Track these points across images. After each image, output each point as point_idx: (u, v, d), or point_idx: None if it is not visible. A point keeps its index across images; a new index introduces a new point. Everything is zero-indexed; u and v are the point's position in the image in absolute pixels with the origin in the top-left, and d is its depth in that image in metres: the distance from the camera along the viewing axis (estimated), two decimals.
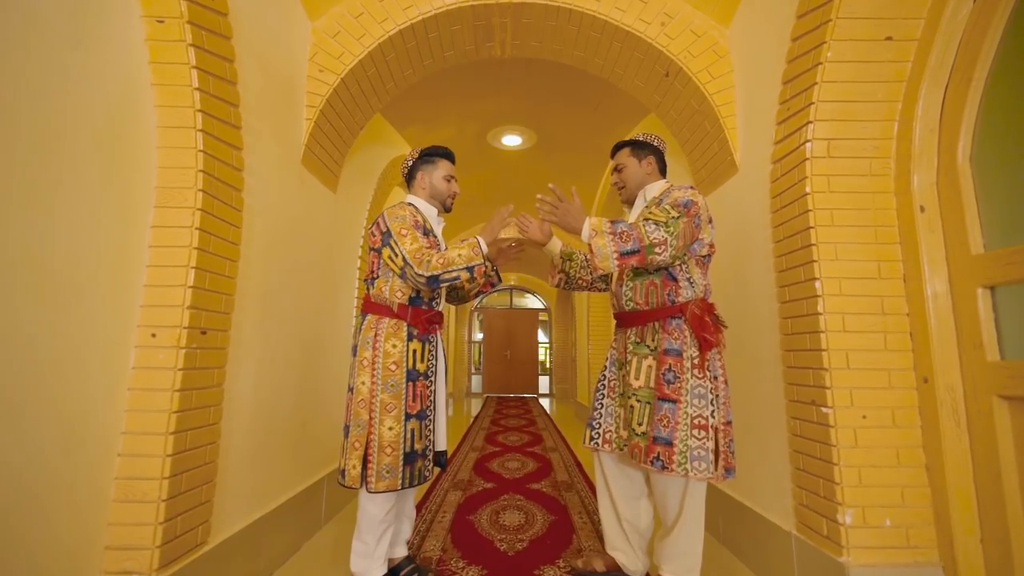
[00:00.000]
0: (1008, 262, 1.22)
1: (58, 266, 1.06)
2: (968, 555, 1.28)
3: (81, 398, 1.12)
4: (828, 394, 1.41)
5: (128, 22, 1.24)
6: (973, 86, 1.31)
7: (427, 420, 1.53)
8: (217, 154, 1.40)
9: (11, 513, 0.97)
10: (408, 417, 1.48)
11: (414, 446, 1.47)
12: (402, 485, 1.44)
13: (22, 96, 0.98)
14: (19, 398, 0.98)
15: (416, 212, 1.60)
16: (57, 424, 1.07)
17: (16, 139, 0.97)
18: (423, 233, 1.56)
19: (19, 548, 0.98)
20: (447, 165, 1.71)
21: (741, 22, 1.99)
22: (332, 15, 2.07)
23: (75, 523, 1.11)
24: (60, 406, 1.07)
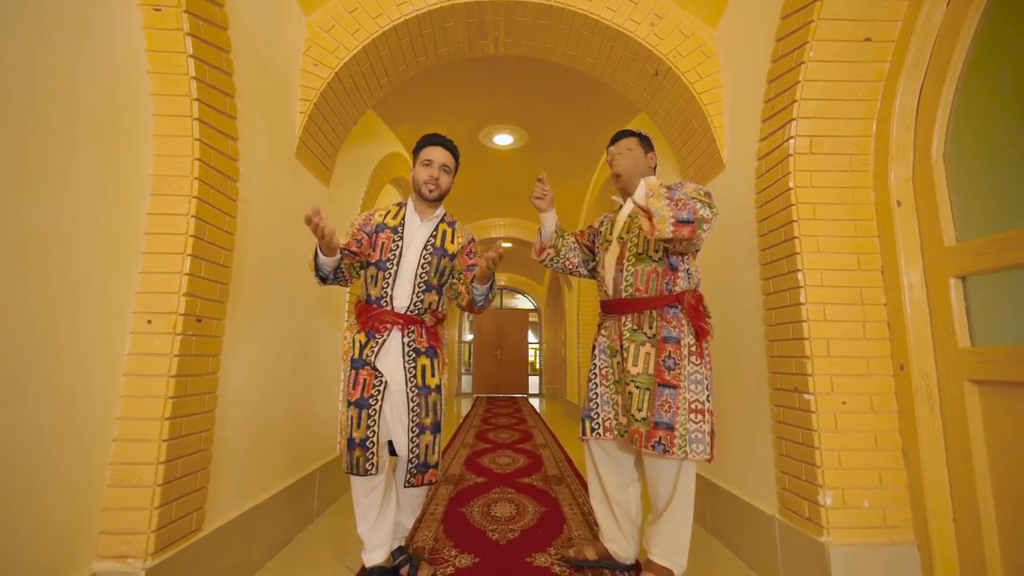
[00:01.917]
0: (978, 253, 1.28)
1: (55, 252, 1.07)
2: (941, 534, 1.33)
3: (76, 384, 1.13)
4: (810, 381, 1.46)
5: (125, 10, 1.24)
6: (946, 86, 1.37)
7: (368, 410, 1.47)
8: (213, 143, 1.42)
9: (6, 498, 0.97)
10: (349, 404, 1.49)
11: (352, 434, 1.47)
12: (346, 470, 1.46)
13: (19, 82, 0.99)
14: (15, 383, 0.99)
15: (379, 213, 1.65)
16: (53, 409, 1.07)
17: (13, 125, 0.97)
18: (367, 232, 1.61)
19: (14, 533, 0.99)
20: (426, 151, 1.63)
21: (728, 23, 2.04)
22: (326, 9, 2.09)
23: (70, 508, 1.12)
24: (56, 391, 1.08)
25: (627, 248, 1.62)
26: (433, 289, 1.60)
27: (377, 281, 1.57)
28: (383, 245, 1.59)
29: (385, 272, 1.56)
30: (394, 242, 1.59)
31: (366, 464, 1.45)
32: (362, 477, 1.48)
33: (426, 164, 1.62)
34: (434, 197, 1.63)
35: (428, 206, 1.66)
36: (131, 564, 1.18)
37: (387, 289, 1.55)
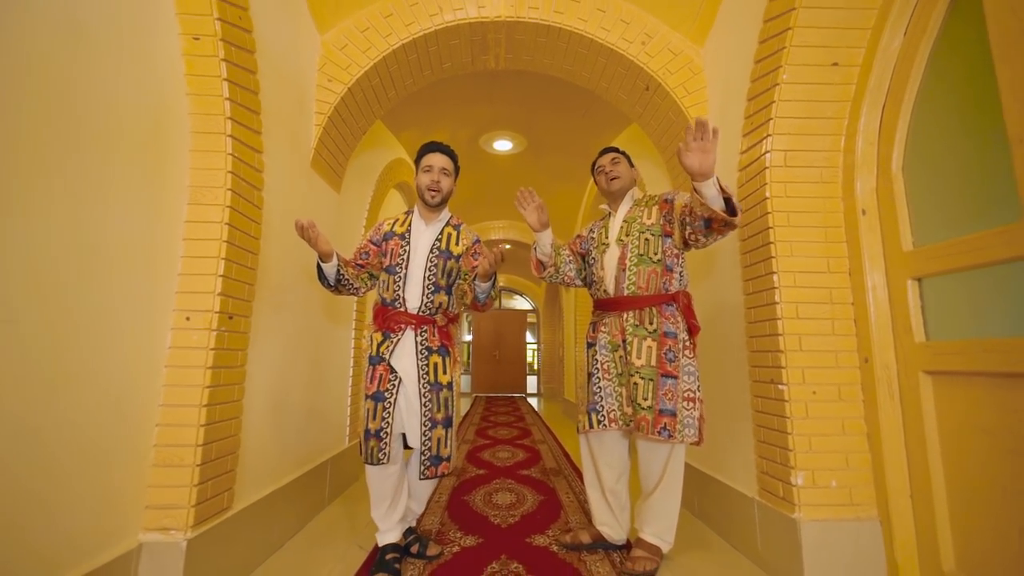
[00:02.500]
0: (931, 257, 1.43)
1: (108, 255, 1.21)
2: (900, 510, 1.48)
3: (126, 373, 1.27)
4: (784, 373, 1.61)
5: (168, 39, 1.39)
6: (904, 107, 1.53)
7: (384, 403, 1.59)
8: (242, 157, 1.56)
9: (69, 474, 1.11)
10: (366, 397, 1.63)
11: (368, 425, 1.59)
12: (363, 459, 1.60)
13: (80, 107, 1.13)
14: (77, 372, 1.13)
15: (388, 221, 1.79)
16: (108, 396, 1.21)
17: (75, 146, 1.12)
18: (375, 242, 1.75)
19: (74, 505, 1.12)
20: (426, 159, 1.74)
21: (713, 43, 2.20)
22: (340, 29, 2.24)
23: (120, 484, 1.25)
24: (108, 381, 1.21)
25: (628, 250, 1.76)
26: (442, 290, 1.72)
27: (389, 285, 1.70)
28: (392, 251, 1.73)
29: (396, 276, 1.70)
30: (402, 247, 1.73)
31: (379, 454, 1.57)
32: (376, 467, 1.61)
33: (427, 170, 1.74)
34: (436, 201, 1.75)
35: (432, 210, 1.78)
36: (173, 535, 1.31)
37: (399, 292, 1.68)
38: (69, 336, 1.10)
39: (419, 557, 1.73)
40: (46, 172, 1.03)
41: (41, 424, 1.03)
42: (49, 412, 1.05)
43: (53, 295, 1.06)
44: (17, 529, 0.98)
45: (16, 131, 0.97)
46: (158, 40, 1.35)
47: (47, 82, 1.03)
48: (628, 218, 1.82)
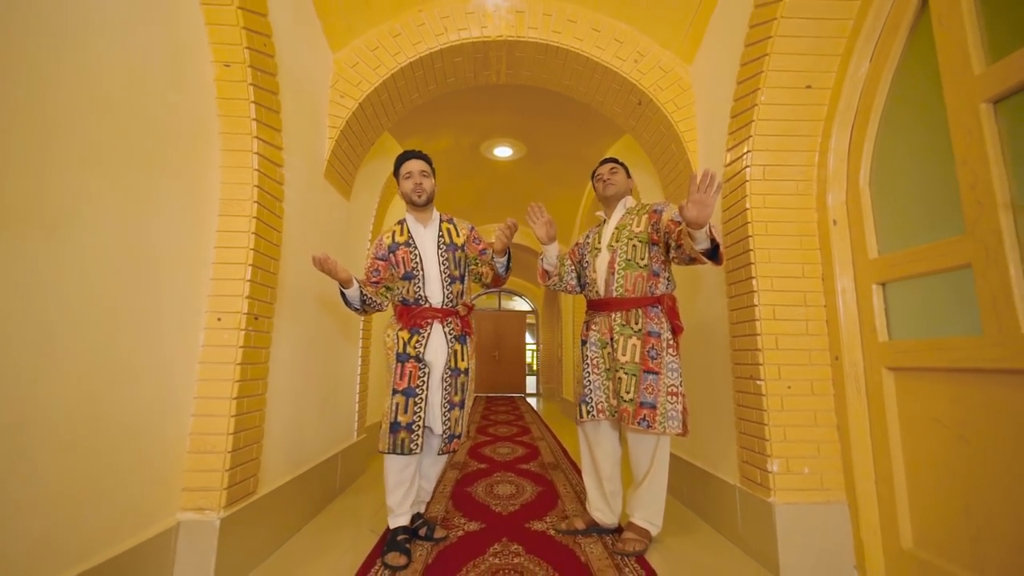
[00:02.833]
0: (893, 264, 1.58)
1: (154, 263, 1.35)
2: (865, 493, 1.63)
3: (166, 369, 1.41)
4: (761, 369, 1.75)
5: (202, 66, 1.53)
6: (870, 127, 1.68)
7: (415, 398, 1.74)
8: (266, 171, 1.71)
9: (119, 459, 1.25)
10: (395, 392, 1.76)
11: (398, 418, 1.73)
12: (388, 450, 1.72)
13: (133, 131, 1.27)
14: (128, 367, 1.27)
15: (386, 237, 1.90)
16: (152, 389, 1.35)
17: (128, 164, 1.26)
18: (381, 258, 1.86)
19: (122, 488, 1.26)
20: (403, 167, 1.88)
21: (701, 62, 2.35)
22: (351, 48, 2.39)
23: (160, 469, 1.39)
24: (153, 375, 1.36)
25: (617, 255, 1.91)
26: (457, 280, 1.89)
27: (410, 288, 1.86)
28: (404, 259, 1.87)
29: (415, 279, 1.85)
30: (411, 253, 1.88)
31: (410, 444, 1.71)
32: (402, 456, 1.74)
33: (407, 177, 1.88)
34: (423, 200, 1.88)
35: (423, 212, 1.93)
36: (208, 515, 1.46)
37: (421, 291, 1.85)
38: (123, 336, 1.24)
39: (427, 539, 1.87)
40: (104, 191, 1.18)
41: (100, 413, 1.18)
42: (106, 403, 1.19)
43: (109, 300, 1.20)
44: (75, 506, 1.12)
45: (85, 156, 1.11)
46: (195, 68, 1.50)
47: (108, 114, 1.18)
48: (619, 225, 1.97)
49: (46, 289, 1.03)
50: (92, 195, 1.14)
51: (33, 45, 0.99)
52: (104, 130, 1.17)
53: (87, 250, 1.13)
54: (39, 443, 1.02)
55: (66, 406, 1.08)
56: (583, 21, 2.44)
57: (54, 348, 1.05)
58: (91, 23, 1.13)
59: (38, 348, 1.01)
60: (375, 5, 2.34)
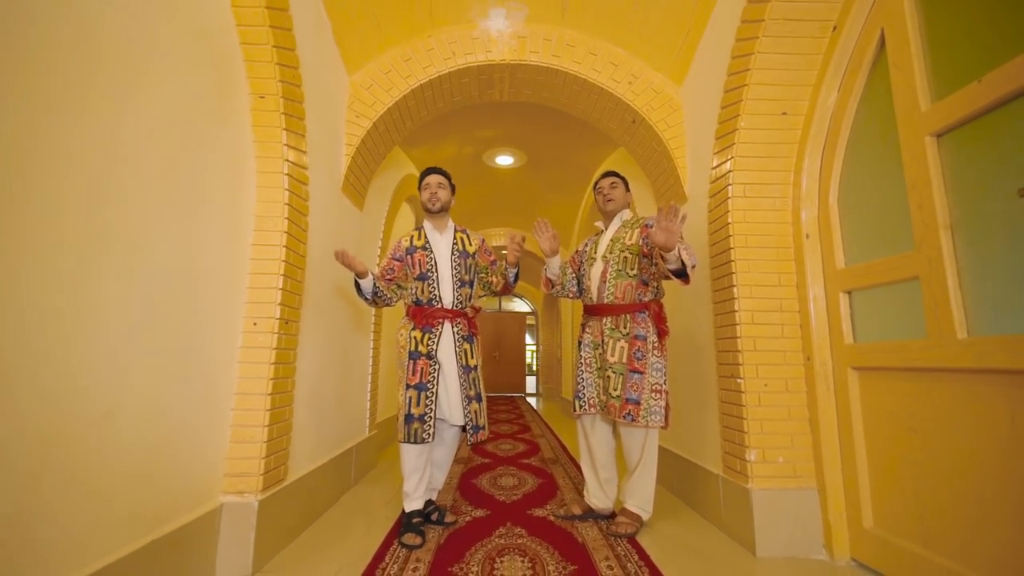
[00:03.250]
0: (857, 275, 1.77)
1: (204, 276, 1.54)
2: (832, 480, 1.82)
3: (212, 368, 1.59)
4: (741, 369, 1.94)
5: (240, 99, 1.72)
6: (839, 150, 1.87)
7: (426, 392, 1.92)
8: (294, 190, 1.89)
9: (176, 448, 1.44)
10: (408, 387, 1.95)
11: (411, 411, 1.92)
12: (404, 440, 1.91)
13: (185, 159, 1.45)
14: (183, 367, 1.45)
15: (404, 240, 2.11)
16: (201, 386, 1.54)
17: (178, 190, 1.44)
18: (398, 259, 2.07)
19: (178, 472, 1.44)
20: (424, 180, 2.11)
21: (690, 84, 2.54)
22: (366, 71, 2.57)
23: (206, 456, 1.58)
24: (202, 374, 1.54)
25: (610, 265, 2.10)
26: (467, 284, 2.09)
27: (424, 289, 2.04)
28: (419, 261, 2.07)
29: (429, 281, 2.04)
30: (427, 257, 2.07)
31: (423, 434, 1.90)
32: (416, 445, 1.93)
33: (425, 188, 2.12)
34: (437, 208, 2.10)
35: (439, 220, 2.14)
36: (247, 498, 1.64)
37: (435, 292, 2.03)
38: (178, 339, 1.43)
39: (438, 523, 2.06)
40: (164, 216, 1.36)
41: (163, 406, 1.36)
42: (167, 397, 1.38)
43: (169, 310, 1.38)
44: (149, 485, 1.30)
45: (154, 187, 1.30)
46: (235, 101, 1.68)
47: (169, 148, 1.36)
48: (614, 237, 2.16)
49: (125, 300, 1.21)
50: (156, 220, 1.32)
51: (114, 92, 1.18)
52: (166, 163, 1.35)
53: (153, 268, 1.32)
54: (124, 430, 1.21)
55: (141, 399, 1.27)
56: (581, 46, 2.62)
57: (131, 350, 1.24)
58: (158, 68, 1.31)
59: (121, 349, 1.20)
60: (388, 31, 2.53)
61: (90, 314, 1.11)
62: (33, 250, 0.97)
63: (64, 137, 1.04)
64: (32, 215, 0.97)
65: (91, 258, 1.11)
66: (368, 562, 1.71)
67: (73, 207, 1.06)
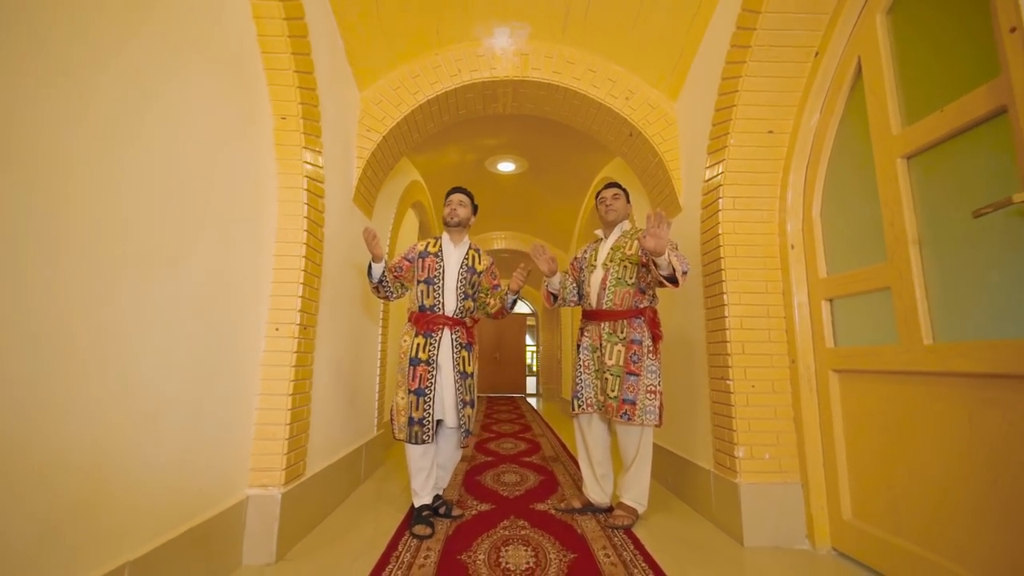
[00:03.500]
0: (838, 284, 1.90)
1: (235, 287, 1.67)
2: (815, 475, 1.95)
3: (240, 370, 1.72)
4: (730, 371, 2.07)
5: (264, 120, 1.85)
6: (821, 167, 2.00)
7: (425, 397, 2.06)
8: (312, 203, 2.02)
9: (211, 444, 1.56)
10: (409, 392, 2.08)
11: (411, 414, 2.06)
12: (406, 440, 2.05)
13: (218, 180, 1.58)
14: (217, 369, 1.58)
15: (421, 244, 2.28)
16: (231, 386, 1.67)
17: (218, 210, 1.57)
18: (409, 259, 2.25)
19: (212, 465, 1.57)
20: (448, 198, 2.30)
21: (684, 100, 2.67)
22: (376, 87, 2.70)
23: (234, 452, 1.71)
24: (232, 375, 1.67)
25: (609, 274, 2.23)
26: (469, 297, 2.23)
27: (429, 293, 2.18)
28: (429, 266, 2.21)
29: (434, 286, 2.18)
30: (437, 264, 2.21)
31: (423, 435, 2.04)
32: (420, 446, 2.07)
33: (447, 204, 2.29)
34: (454, 222, 2.26)
35: (456, 234, 2.29)
36: (270, 491, 1.77)
37: (439, 298, 2.17)
38: (212, 345, 1.56)
39: (446, 516, 2.18)
40: (204, 235, 1.49)
41: (200, 406, 1.49)
42: (204, 397, 1.51)
43: (207, 319, 1.51)
44: (188, 477, 1.43)
45: (186, 216, 1.43)
46: (260, 123, 1.81)
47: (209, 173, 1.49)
48: (614, 247, 2.29)
49: (169, 313, 1.34)
50: (193, 241, 1.45)
51: (164, 128, 1.30)
52: (202, 187, 1.48)
53: (191, 283, 1.44)
54: (166, 428, 1.34)
55: (181, 400, 1.40)
56: (580, 63, 2.75)
57: (173, 356, 1.36)
58: (195, 99, 1.44)
59: (165, 356, 1.33)
60: (397, 49, 2.66)
61: (141, 325, 1.24)
62: (97, 270, 1.10)
63: (130, 174, 1.16)
64: (99, 240, 1.10)
65: (144, 277, 1.24)
66: (383, 550, 1.84)
67: (126, 231, 1.19)
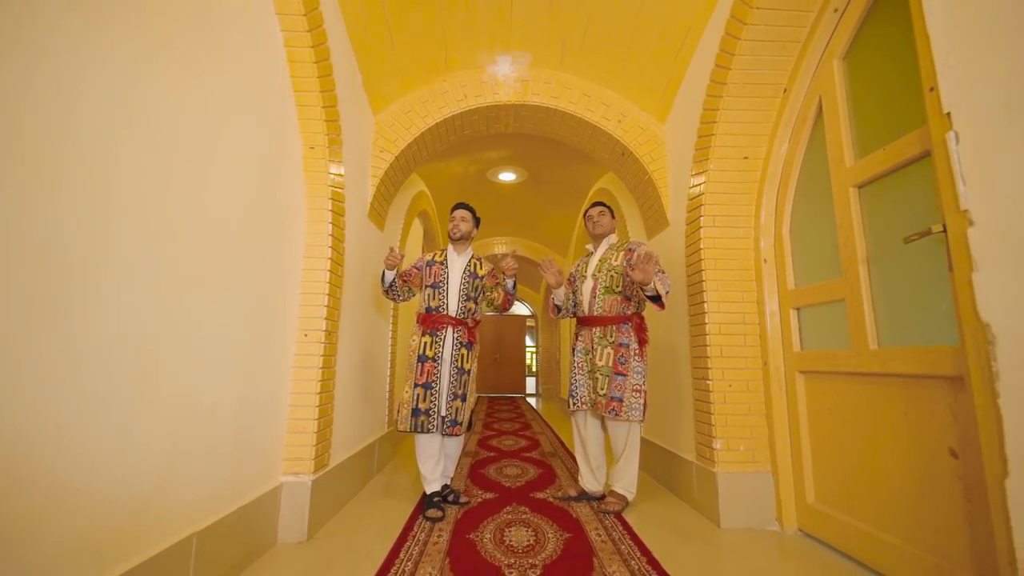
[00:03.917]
0: (803, 295, 2.14)
1: (274, 299, 1.90)
2: (783, 464, 2.19)
3: (277, 371, 1.96)
4: (710, 372, 2.31)
5: (295, 149, 2.09)
6: (789, 190, 2.24)
7: (431, 390, 2.32)
8: (335, 222, 2.26)
9: (253, 436, 1.80)
10: (416, 385, 2.33)
11: (418, 405, 2.30)
12: (410, 430, 2.29)
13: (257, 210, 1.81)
14: (259, 370, 1.82)
15: (428, 255, 2.54)
16: (270, 385, 1.90)
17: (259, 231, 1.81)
18: (418, 267, 2.53)
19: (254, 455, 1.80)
20: (452, 214, 2.56)
21: (671, 123, 2.91)
22: (389, 111, 2.94)
23: (271, 443, 1.94)
24: (271, 376, 1.90)
25: (598, 283, 2.48)
26: (471, 299, 2.47)
27: (435, 296, 2.43)
28: (435, 273, 2.46)
29: (439, 290, 2.42)
30: (442, 271, 2.47)
31: (428, 425, 2.29)
32: (427, 435, 2.31)
33: (451, 220, 2.55)
34: (457, 236, 2.52)
35: (460, 245, 2.54)
36: (302, 478, 2.01)
37: (443, 300, 2.42)
38: (254, 349, 1.79)
39: (454, 503, 2.42)
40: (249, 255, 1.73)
41: (245, 402, 1.73)
42: (249, 395, 1.75)
43: (251, 326, 1.75)
44: (237, 464, 1.67)
45: (234, 241, 1.66)
46: (291, 152, 2.05)
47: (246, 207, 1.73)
48: (602, 258, 2.53)
49: (226, 322, 1.58)
50: (240, 263, 1.69)
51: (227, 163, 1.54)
52: (247, 215, 1.72)
53: (240, 297, 1.68)
54: (222, 422, 1.57)
55: (233, 397, 1.64)
56: (576, 88, 3.00)
57: (229, 358, 1.60)
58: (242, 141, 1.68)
59: (222, 358, 1.57)
60: (407, 77, 2.90)
61: (203, 337, 1.48)
62: (173, 291, 1.34)
63: (204, 213, 1.40)
64: (177, 265, 1.33)
65: (211, 294, 1.48)
66: (400, 531, 2.08)
67: (197, 258, 1.43)
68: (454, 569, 1.72)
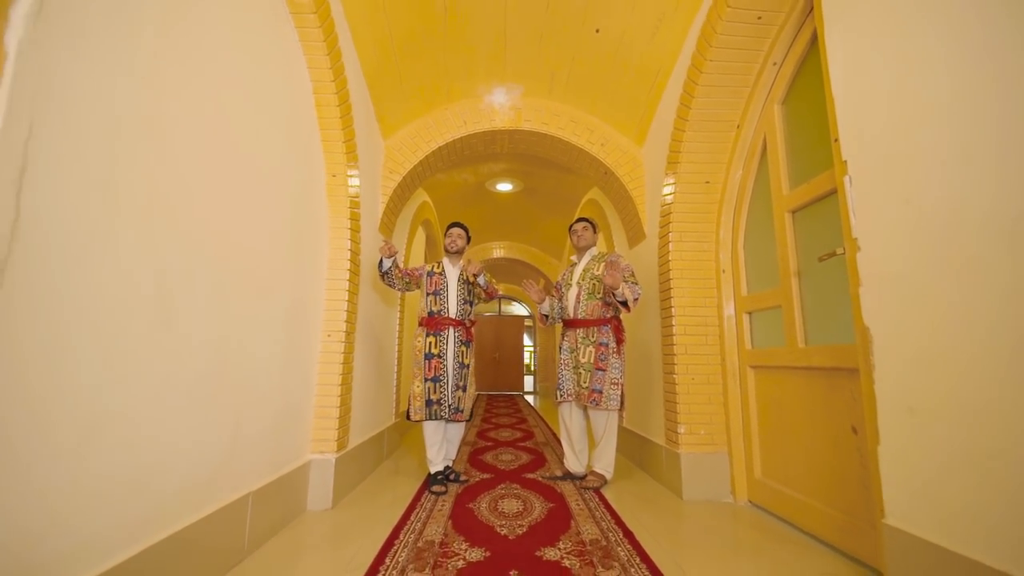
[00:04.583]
0: (753, 301, 2.51)
1: (307, 305, 2.27)
2: (736, 445, 2.56)
3: (307, 366, 2.33)
4: (676, 367, 2.68)
5: (320, 176, 2.46)
6: (743, 211, 2.61)
7: (439, 383, 2.70)
8: (353, 238, 2.63)
9: (292, 422, 2.17)
10: (426, 380, 2.70)
11: (430, 396, 2.68)
12: (425, 418, 2.66)
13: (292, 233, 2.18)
14: (291, 365, 2.18)
15: (427, 265, 2.90)
16: (303, 377, 2.27)
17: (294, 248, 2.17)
18: (420, 272, 2.89)
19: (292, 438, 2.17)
20: (448, 232, 2.93)
21: (647, 147, 3.28)
22: (397, 136, 3.31)
23: (303, 426, 2.31)
24: (303, 369, 2.27)
25: (582, 290, 2.85)
26: (467, 302, 2.86)
27: (437, 302, 2.80)
28: (436, 283, 2.82)
29: (441, 296, 2.79)
30: (442, 280, 2.83)
31: (440, 413, 2.67)
32: (434, 422, 2.69)
33: (448, 236, 2.93)
34: (454, 250, 2.90)
35: (454, 258, 2.93)
36: (327, 456, 2.38)
37: (445, 305, 2.79)
38: (294, 348, 2.16)
39: (455, 481, 2.80)
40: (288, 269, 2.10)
41: (284, 390, 2.09)
42: (289, 388, 2.11)
43: (289, 328, 2.12)
44: (276, 442, 2.03)
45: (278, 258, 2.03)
46: (318, 179, 2.42)
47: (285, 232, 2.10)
48: (585, 268, 2.90)
49: (274, 326, 1.95)
50: (282, 276, 2.06)
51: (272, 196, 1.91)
52: (286, 236, 2.09)
53: (282, 305, 2.05)
54: (271, 410, 1.94)
55: (279, 389, 2.01)
56: (564, 115, 3.37)
57: (276, 356, 1.97)
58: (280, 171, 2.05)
59: (273, 355, 1.93)
60: (413, 106, 3.27)
61: (257, 338, 1.85)
62: (241, 298, 1.71)
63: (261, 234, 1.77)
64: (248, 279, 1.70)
65: (263, 302, 1.85)
66: (409, 502, 2.45)
67: (252, 273, 1.80)
68: (456, 527, 2.09)
